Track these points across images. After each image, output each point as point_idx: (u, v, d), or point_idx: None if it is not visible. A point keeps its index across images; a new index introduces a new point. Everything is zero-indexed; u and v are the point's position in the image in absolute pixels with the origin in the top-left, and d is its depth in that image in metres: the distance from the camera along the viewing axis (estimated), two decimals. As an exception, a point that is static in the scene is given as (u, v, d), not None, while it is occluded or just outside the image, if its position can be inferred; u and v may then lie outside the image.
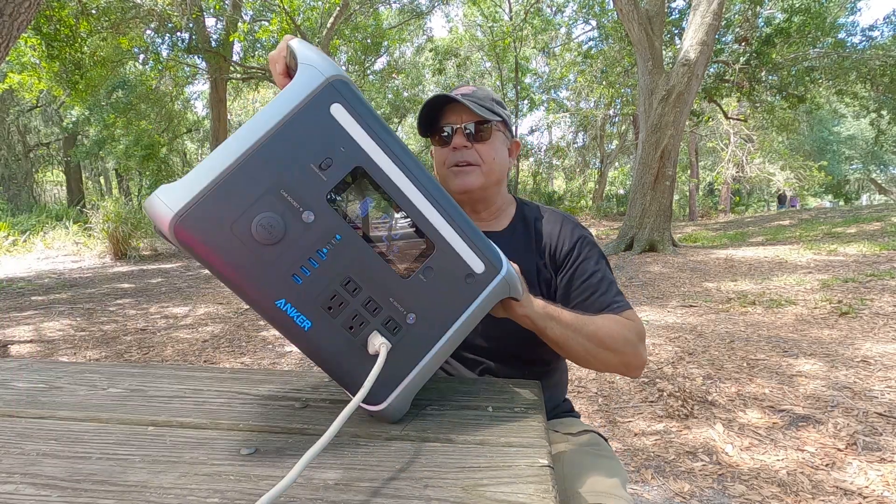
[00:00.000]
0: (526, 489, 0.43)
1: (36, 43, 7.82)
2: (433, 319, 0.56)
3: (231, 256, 0.48)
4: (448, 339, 0.57)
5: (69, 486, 0.44)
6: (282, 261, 0.50)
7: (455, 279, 0.57)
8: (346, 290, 0.52)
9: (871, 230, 8.37)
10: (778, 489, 1.66)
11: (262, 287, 0.50)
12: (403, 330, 0.55)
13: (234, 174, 0.48)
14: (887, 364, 2.68)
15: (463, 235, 0.57)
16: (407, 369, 0.56)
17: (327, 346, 0.53)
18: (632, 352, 0.81)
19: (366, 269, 0.53)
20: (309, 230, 0.50)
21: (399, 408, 0.57)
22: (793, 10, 11.39)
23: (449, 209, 0.56)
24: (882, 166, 31.63)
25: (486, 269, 0.59)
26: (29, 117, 20.56)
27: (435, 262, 0.56)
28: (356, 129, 0.51)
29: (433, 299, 0.56)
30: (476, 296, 0.58)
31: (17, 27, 3.60)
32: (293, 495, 0.42)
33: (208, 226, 0.47)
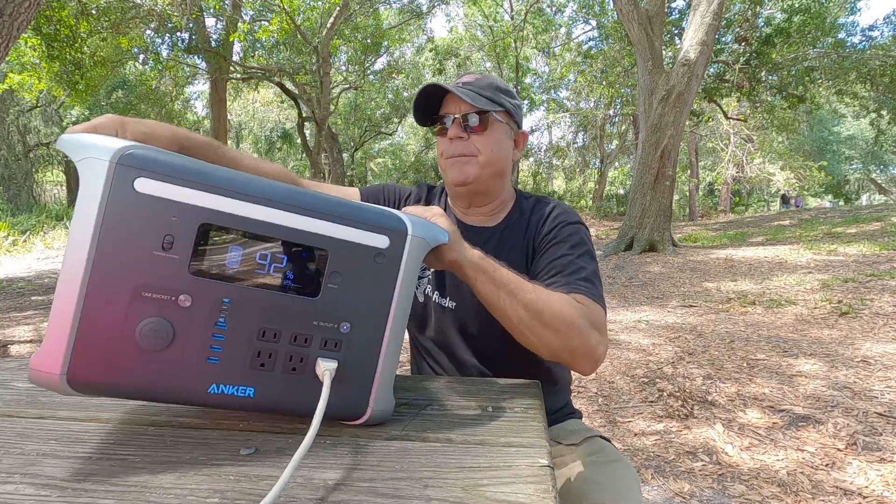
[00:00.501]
0: (526, 489, 0.43)
1: (36, 43, 7.82)
2: (367, 315, 0.54)
3: (138, 380, 0.46)
4: (393, 323, 0.55)
5: (69, 486, 0.44)
6: (187, 354, 0.47)
7: (365, 267, 0.54)
8: (266, 341, 0.50)
9: (870, 230, 8.37)
10: (778, 489, 1.66)
11: (186, 387, 0.48)
12: (344, 342, 0.53)
13: (87, 307, 0.44)
14: (887, 364, 2.68)
15: (348, 223, 0.53)
16: (370, 372, 0.55)
17: (281, 399, 0.51)
18: (577, 336, 0.70)
19: (273, 312, 0.50)
20: (194, 313, 0.47)
21: (384, 408, 0.56)
22: (793, 10, 11.39)
23: (321, 207, 0.52)
24: (882, 166, 31.63)
25: (392, 239, 0.55)
26: (29, 117, 20.55)
27: (334, 264, 0.52)
28: (176, 190, 0.46)
29: (356, 297, 0.53)
30: (396, 269, 0.55)
31: (17, 27, 3.60)
32: (293, 495, 0.42)
33: (98, 366, 0.45)
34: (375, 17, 15.24)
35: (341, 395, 0.53)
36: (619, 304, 4.80)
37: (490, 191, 0.94)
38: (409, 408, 0.63)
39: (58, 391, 0.45)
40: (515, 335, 0.72)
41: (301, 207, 0.51)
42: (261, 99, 23.12)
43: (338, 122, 19.42)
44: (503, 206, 0.98)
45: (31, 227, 11.41)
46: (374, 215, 0.55)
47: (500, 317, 0.71)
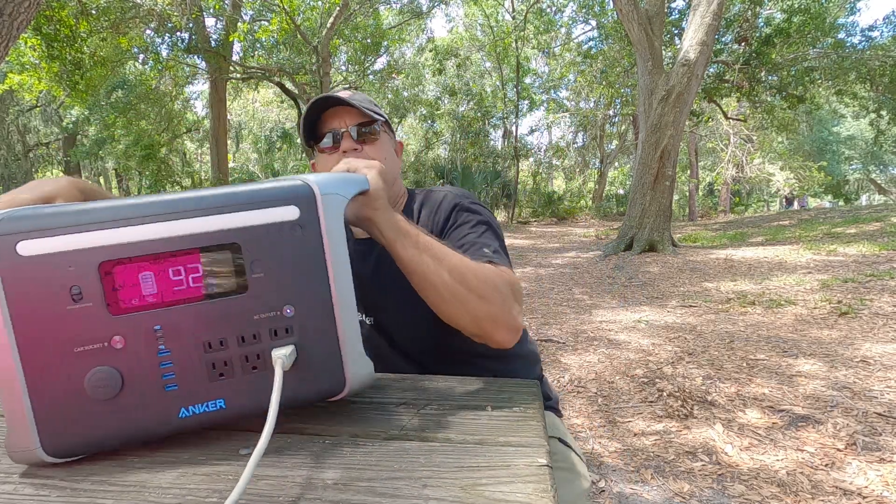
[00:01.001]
0: (524, 489, 0.43)
1: (36, 43, 7.82)
2: (307, 290, 0.51)
3: (110, 430, 0.46)
4: (338, 288, 0.52)
5: (68, 485, 0.44)
6: (144, 390, 0.47)
7: (285, 244, 0.50)
8: (214, 351, 0.49)
9: (870, 230, 8.37)
10: (777, 489, 1.66)
11: (158, 420, 0.48)
12: (294, 324, 0.51)
13: (31, 381, 0.44)
14: (887, 364, 2.68)
15: (248, 207, 0.49)
16: (334, 344, 0.53)
17: (251, 400, 0.50)
18: (501, 303, 0.69)
19: (208, 322, 0.48)
20: (132, 350, 0.46)
21: (362, 372, 0.54)
22: (792, 10, 11.40)
23: (214, 202, 0.49)
24: (882, 166, 31.63)
25: (301, 206, 0.51)
26: (29, 117, 20.55)
27: (251, 253, 0.49)
28: (60, 241, 0.44)
29: (288, 278, 0.50)
30: (319, 234, 0.52)
31: (17, 27, 3.60)
32: (292, 495, 0.42)
33: (67, 430, 0.45)
34: (375, 17, 15.24)
35: (313, 375, 0.52)
36: (618, 304, 4.80)
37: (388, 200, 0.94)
38: (408, 407, 0.63)
39: (42, 463, 0.46)
40: (437, 304, 0.68)
41: (194, 210, 0.48)
42: (260, 99, 23.12)
43: (338, 122, 19.35)
44: (397, 209, 0.96)
45: (31, 226, 11.38)
46: (272, 190, 0.51)
47: (421, 283, 0.67)
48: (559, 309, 4.64)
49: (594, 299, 5.05)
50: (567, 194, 20.54)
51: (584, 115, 20.92)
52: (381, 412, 0.61)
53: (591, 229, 13.88)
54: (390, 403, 0.64)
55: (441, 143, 21.90)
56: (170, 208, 0.47)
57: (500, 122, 20.19)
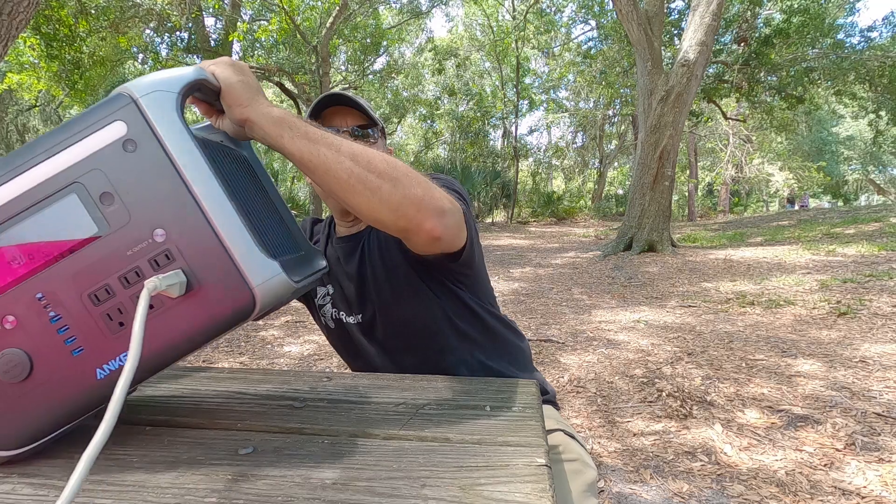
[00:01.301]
0: (523, 488, 0.43)
1: (35, 42, 7.81)
2: (169, 206, 0.46)
3: (41, 412, 0.46)
4: (204, 192, 0.46)
5: (66, 485, 0.44)
6: (54, 363, 0.45)
7: (125, 166, 0.45)
8: (104, 302, 0.46)
9: (869, 231, 8.39)
10: (776, 489, 1.66)
11: (80, 390, 0.46)
12: (171, 248, 0.46)
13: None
14: (886, 364, 2.68)
15: (70, 143, 0.45)
16: (222, 257, 0.46)
17: (162, 342, 0.46)
18: (418, 185, 0.62)
19: (83, 274, 0.45)
20: (26, 325, 0.45)
21: (268, 275, 0.47)
22: (792, 10, 11.41)
23: (35, 150, 0.45)
24: (880, 167, 31.68)
25: (126, 118, 0.45)
26: (28, 116, 20.54)
27: (94, 188, 0.45)
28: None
29: (143, 201, 0.45)
30: (155, 141, 0.45)
31: (16, 26, 3.60)
32: (291, 494, 0.42)
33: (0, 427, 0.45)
34: (375, 17, 15.25)
35: (213, 295, 0.47)
36: (617, 304, 4.80)
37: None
38: (407, 407, 0.63)
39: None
40: (347, 198, 0.61)
41: (24, 164, 0.45)
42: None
43: (337, 122, 19.36)
44: None
45: (30, 226, 11.39)
46: (91, 112, 0.46)
47: (324, 177, 0.60)
48: (558, 309, 4.64)
49: (593, 299, 5.05)
50: (566, 194, 20.55)
51: (584, 116, 20.94)
52: (380, 412, 0.61)
53: (591, 229, 13.89)
54: (389, 403, 0.64)
55: (440, 143, 21.91)
56: (12, 165, 0.45)
57: (499, 122, 20.21)
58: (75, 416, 0.47)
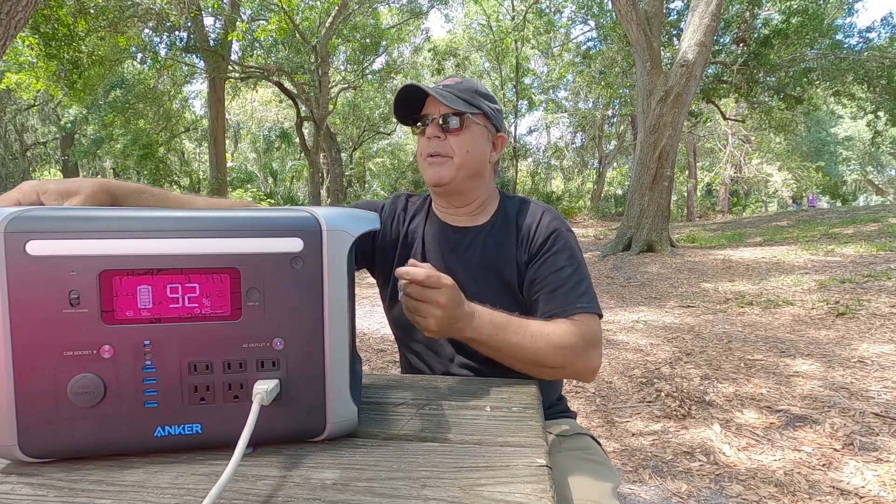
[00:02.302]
0: (523, 489, 0.43)
1: (34, 42, 7.79)
2: (300, 326, 0.50)
3: (85, 438, 0.46)
4: (331, 329, 0.50)
5: (66, 485, 0.44)
6: (123, 404, 0.46)
7: (284, 276, 0.49)
8: (198, 374, 0.48)
9: (867, 231, 8.40)
10: (775, 489, 1.66)
11: (131, 436, 0.47)
12: (282, 359, 0.49)
13: (18, 377, 0.45)
14: (884, 364, 2.69)
15: (252, 234, 0.48)
16: (319, 385, 0.50)
17: (228, 430, 0.48)
18: (578, 361, 0.80)
19: (197, 344, 0.48)
20: (119, 362, 0.46)
21: (345, 418, 0.52)
22: (790, 11, 11.43)
23: (221, 224, 0.48)
24: (879, 167, 31.74)
25: (305, 239, 0.49)
26: (26, 116, 20.50)
27: (249, 281, 0.48)
28: (67, 245, 0.45)
29: (282, 310, 0.49)
30: (320, 270, 0.50)
31: (15, 26, 3.59)
32: (291, 495, 0.42)
33: (44, 432, 0.45)
34: (374, 17, 15.24)
35: (293, 413, 0.50)
36: (616, 304, 4.80)
37: (466, 192, 0.95)
38: (407, 408, 0.63)
39: (17, 460, 0.46)
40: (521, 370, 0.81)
41: (200, 230, 0.48)
42: (259, 98, 23.10)
43: (336, 121, 19.40)
44: (485, 205, 0.98)
45: (29, 226, 11.35)
46: (278, 219, 0.50)
47: (505, 360, 0.79)
48: (557, 309, 4.64)
49: (592, 299, 5.04)
50: (565, 194, 20.56)
51: (583, 116, 20.94)
52: (380, 412, 0.61)
53: (590, 229, 13.90)
54: (390, 403, 0.64)
55: (440, 143, 21.83)
56: (176, 226, 0.47)
57: (498, 122, 20.13)
58: (111, 452, 0.49)
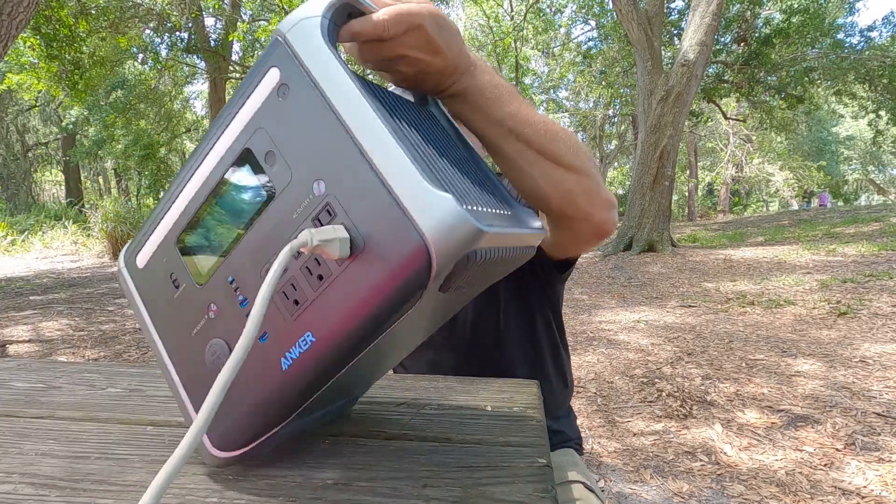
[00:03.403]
0: (525, 489, 0.43)
1: (35, 43, 7.81)
2: (323, 148, 0.38)
3: (244, 408, 0.43)
4: (357, 125, 0.37)
5: (67, 485, 0.44)
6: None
7: (283, 114, 0.40)
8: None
9: (869, 231, 8.39)
10: (776, 489, 1.66)
11: (267, 384, 0.41)
12: (332, 200, 0.38)
13: (179, 378, 0.45)
14: (885, 364, 2.68)
15: (238, 110, 0.41)
16: (383, 197, 0.36)
17: (337, 320, 0.39)
18: (594, 179, 0.58)
19: (262, 248, 0.41)
20: (224, 312, 0.43)
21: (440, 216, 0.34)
22: (791, 10, 11.42)
23: (222, 119, 0.43)
24: (880, 167, 31.70)
25: (278, 61, 0.39)
26: (28, 117, 20.54)
27: (259, 148, 0.40)
28: (153, 241, 0.46)
29: (300, 149, 0.39)
30: (304, 77, 0.38)
31: (16, 27, 3.60)
32: (292, 495, 0.42)
33: (220, 422, 0.44)
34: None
35: (381, 251, 0.36)
36: (617, 304, 4.80)
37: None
38: (408, 407, 0.63)
39: (218, 462, 0.45)
40: (513, 176, 0.57)
41: (212, 140, 0.43)
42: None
43: (337, 121, 19.36)
44: None
45: (30, 226, 11.40)
46: (251, 70, 0.42)
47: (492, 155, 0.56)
48: (558, 309, 4.64)
49: (593, 299, 5.05)
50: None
51: (584, 116, 20.93)
52: (381, 412, 0.61)
53: (591, 229, 13.87)
54: (390, 403, 0.64)
55: (440, 143, 21.87)
56: (195, 162, 0.44)
57: (499, 122, 20.15)
58: (276, 414, 0.43)
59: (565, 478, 0.81)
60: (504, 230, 0.41)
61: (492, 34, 17.33)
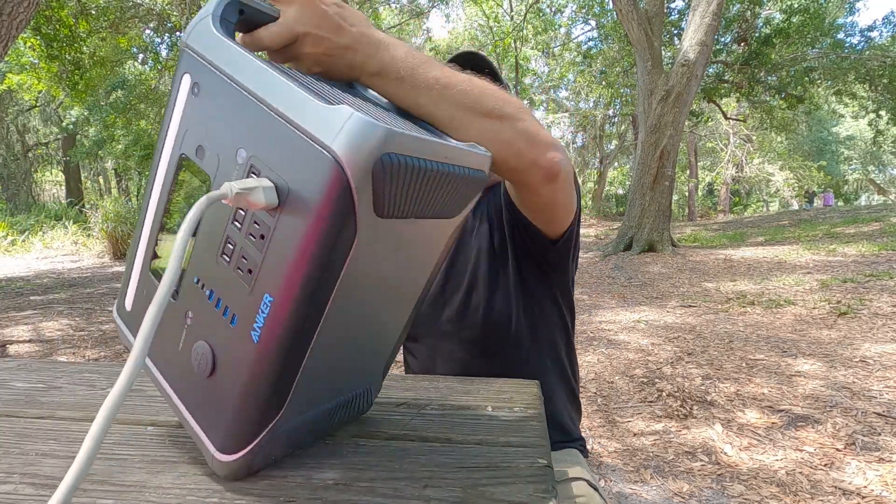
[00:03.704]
0: (525, 489, 0.43)
1: (35, 43, 7.81)
2: (239, 117, 0.39)
3: (238, 396, 0.41)
4: (263, 83, 0.38)
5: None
6: (223, 340, 0.41)
7: (200, 112, 0.42)
8: (229, 253, 0.40)
9: (869, 231, 8.39)
10: (777, 489, 1.66)
11: (245, 360, 0.40)
12: (254, 162, 0.38)
13: (180, 399, 0.46)
14: (886, 364, 2.68)
15: (168, 113, 0.44)
16: (287, 127, 0.37)
17: (286, 276, 0.38)
18: (533, 124, 0.57)
19: (209, 235, 0.41)
20: (198, 316, 0.42)
21: (352, 131, 0.34)
22: (792, 10, 11.42)
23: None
24: (881, 167, 31.69)
25: (188, 66, 0.42)
26: (28, 117, 20.55)
27: (189, 147, 0.42)
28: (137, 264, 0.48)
29: (221, 129, 0.41)
30: (212, 56, 0.41)
31: (16, 27, 3.60)
32: (293, 495, 0.42)
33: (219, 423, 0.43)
34: (375, 18, 15.24)
35: (304, 189, 0.36)
36: (617, 304, 4.80)
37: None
38: (408, 408, 0.63)
39: (230, 473, 0.44)
40: (452, 135, 0.54)
41: (153, 177, 0.47)
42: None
43: (337, 121, 19.36)
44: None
45: (30, 226, 11.41)
46: (170, 93, 0.45)
47: (425, 117, 0.55)
48: (559, 309, 4.64)
49: (594, 299, 5.05)
50: (566, 194, 20.50)
51: (584, 116, 20.94)
52: (381, 412, 0.61)
53: (591, 229, 13.89)
54: (390, 403, 0.64)
55: (440, 143, 21.88)
56: (150, 182, 0.47)
57: (499, 122, 20.14)
58: (269, 397, 0.41)
59: (567, 475, 0.81)
60: (420, 136, 0.41)
61: (492, 34, 17.33)
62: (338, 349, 0.45)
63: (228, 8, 0.45)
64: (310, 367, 0.42)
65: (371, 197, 0.36)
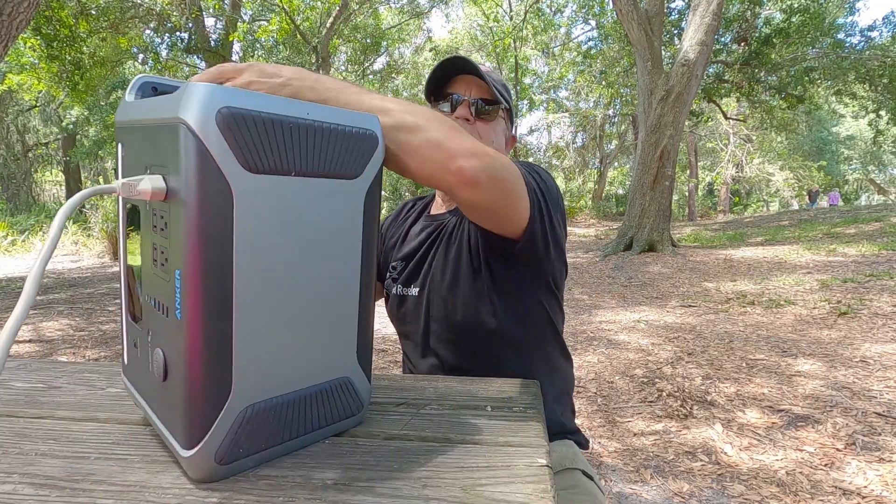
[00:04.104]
0: (524, 489, 0.43)
1: (35, 43, 7.82)
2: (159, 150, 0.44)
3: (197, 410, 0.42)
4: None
5: (67, 485, 0.44)
6: (163, 337, 0.43)
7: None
8: (158, 258, 0.43)
9: (869, 230, 8.39)
10: (777, 489, 1.66)
11: (184, 346, 0.40)
12: (159, 170, 0.44)
13: (148, 404, 0.49)
14: (886, 364, 2.68)
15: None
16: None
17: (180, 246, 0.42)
18: (440, 133, 0.57)
19: (148, 250, 0.45)
20: (151, 325, 0.45)
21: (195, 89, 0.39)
22: (792, 10, 11.42)
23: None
24: (881, 167, 31.69)
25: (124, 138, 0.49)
26: (28, 117, 20.54)
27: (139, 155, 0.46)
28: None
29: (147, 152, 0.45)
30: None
31: (16, 27, 3.60)
32: (292, 495, 0.42)
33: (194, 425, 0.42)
34: (375, 17, 15.26)
35: (176, 158, 0.41)
36: (618, 304, 4.80)
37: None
38: (408, 408, 0.63)
39: (211, 474, 0.44)
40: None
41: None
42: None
43: (337, 122, 19.36)
44: None
45: (30, 226, 11.41)
46: None
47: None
48: (559, 309, 4.64)
49: (594, 299, 5.05)
50: (566, 194, 20.54)
51: (584, 116, 20.94)
52: (380, 412, 0.61)
53: (591, 229, 13.89)
54: (390, 403, 0.64)
55: (441, 143, 21.86)
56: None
57: (499, 122, 20.15)
58: (208, 375, 0.41)
59: (563, 465, 0.81)
60: (264, 96, 0.42)
61: (491, 34, 17.33)
62: (278, 325, 0.45)
63: (145, 85, 0.54)
64: (248, 344, 0.43)
65: (230, 151, 0.39)
